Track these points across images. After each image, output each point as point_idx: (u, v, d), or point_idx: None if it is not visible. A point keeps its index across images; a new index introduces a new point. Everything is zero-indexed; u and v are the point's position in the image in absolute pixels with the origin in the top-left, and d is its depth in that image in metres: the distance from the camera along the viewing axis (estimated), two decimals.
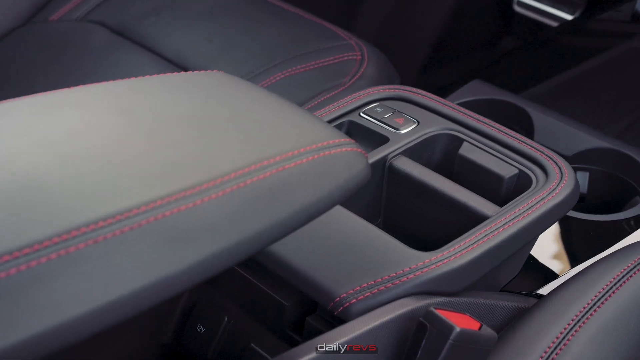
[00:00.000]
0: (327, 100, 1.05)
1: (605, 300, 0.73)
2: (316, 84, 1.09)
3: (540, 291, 0.83)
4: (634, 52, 1.33)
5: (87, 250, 0.44)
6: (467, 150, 0.84)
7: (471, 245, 0.71)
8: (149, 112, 0.57)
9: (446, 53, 1.71)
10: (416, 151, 0.85)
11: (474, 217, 0.77)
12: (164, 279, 0.46)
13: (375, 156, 0.83)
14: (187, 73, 0.65)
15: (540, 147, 0.84)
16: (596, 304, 0.73)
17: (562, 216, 0.79)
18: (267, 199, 0.52)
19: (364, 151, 0.61)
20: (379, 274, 0.69)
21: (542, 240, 0.90)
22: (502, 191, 0.82)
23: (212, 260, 0.48)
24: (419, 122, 0.87)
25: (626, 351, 0.72)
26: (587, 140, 1.06)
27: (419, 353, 0.64)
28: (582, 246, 0.97)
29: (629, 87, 1.27)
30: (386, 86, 0.92)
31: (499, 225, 0.74)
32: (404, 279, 0.68)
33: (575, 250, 0.96)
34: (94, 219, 0.45)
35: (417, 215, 0.83)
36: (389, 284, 0.68)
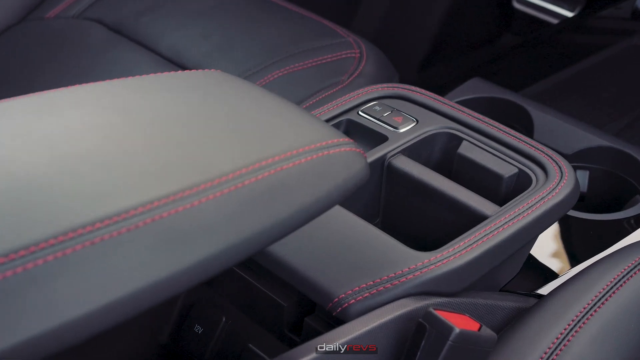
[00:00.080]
0: (325, 99, 1.04)
1: (606, 300, 0.73)
2: (314, 82, 1.08)
3: (540, 291, 0.82)
4: (634, 50, 1.33)
5: (84, 251, 0.43)
6: (466, 149, 0.84)
7: (470, 245, 0.71)
8: (146, 112, 0.57)
9: (445, 50, 1.71)
10: (415, 150, 0.84)
11: (473, 217, 0.76)
12: (162, 280, 0.46)
13: (373, 155, 0.82)
14: (185, 72, 0.65)
15: (540, 146, 0.83)
16: (596, 304, 0.73)
17: (562, 216, 0.79)
18: (266, 200, 0.52)
19: (362, 151, 0.61)
20: (377, 275, 0.69)
21: (542, 240, 0.89)
22: (502, 190, 0.81)
23: (210, 262, 0.48)
24: (418, 121, 0.87)
25: (626, 351, 0.71)
26: (587, 138, 1.06)
27: (418, 354, 0.64)
28: (582, 245, 0.97)
29: (629, 85, 1.26)
30: (385, 84, 0.92)
31: (499, 225, 0.73)
32: (403, 279, 0.68)
33: (575, 249, 0.95)
34: (91, 220, 0.44)
35: (416, 215, 0.82)
36: (388, 285, 0.68)
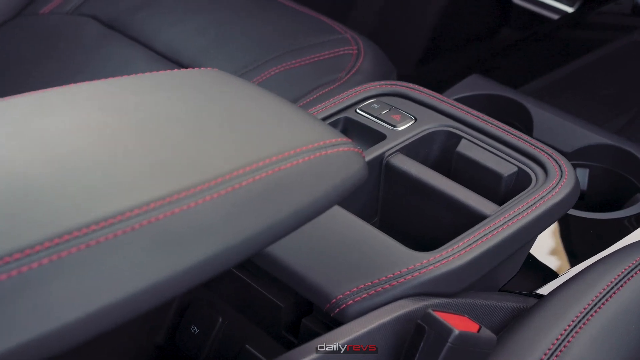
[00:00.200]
0: (323, 96, 1.04)
1: (606, 301, 0.73)
2: (312, 79, 1.07)
3: (539, 291, 0.82)
4: (634, 46, 1.32)
5: (80, 254, 0.43)
6: (465, 148, 0.83)
7: (470, 245, 0.71)
8: (142, 112, 0.56)
9: (443, 46, 1.70)
10: (413, 148, 0.84)
11: (472, 216, 0.76)
12: (159, 283, 0.45)
13: (371, 154, 0.82)
14: (181, 71, 0.64)
15: (539, 144, 0.83)
16: (597, 304, 0.72)
17: (562, 215, 0.78)
18: (263, 201, 0.52)
19: (360, 150, 0.60)
20: (376, 275, 0.68)
21: (542, 239, 0.89)
22: (501, 189, 0.81)
23: (208, 264, 0.48)
24: (416, 119, 0.86)
25: (627, 352, 0.71)
26: (587, 136, 1.05)
27: (417, 356, 0.64)
28: (582, 245, 0.96)
29: (629, 82, 1.26)
30: (383, 82, 0.91)
31: (498, 225, 0.73)
32: (401, 280, 0.68)
33: (575, 249, 0.95)
34: (86, 223, 0.44)
35: (415, 214, 0.82)
36: (387, 285, 0.67)
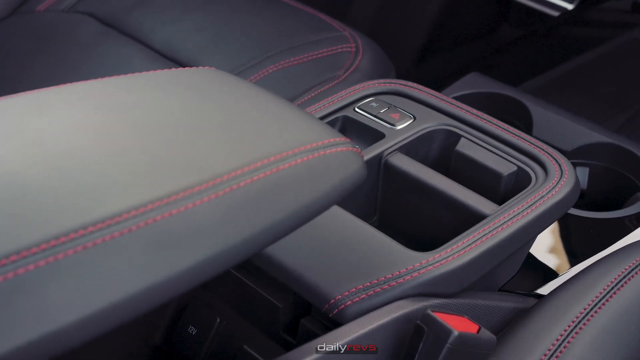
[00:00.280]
0: (321, 94, 1.03)
1: (606, 301, 0.72)
2: (310, 77, 1.07)
3: (539, 291, 0.82)
4: (634, 43, 1.32)
5: (76, 257, 0.43)
6: (464, 147, 0.83)
7: (469, 245, 0.70)
8: (138, 112, 0.56)
9: (442, 43, 1.70)
10: (412, 147, 0.83)
11: (471, 216, 0.75)
12: (156, 285, 0.45)
13: (370, 153, 0.81)
14: (179, 70, 0.64)
15: (539, 143, 0.82)
16: (597, 305, 0.72)
17: (562, 214, 0.78)
18: (261, 202, 0.51)
19: (359, 150, 0.60)
20: (374, 275, 0.68)
21: (542, 238, 0.89)
22: (501, 189, 0.80)
23: (206, 265, 0.48)
24: (415, 118, 0.86)
25: (628, 352, 0.71)
26: (587, 134, 1.05)
27: (416, 357, 0.64)
28: (582, 244, 0.96)
29: (629, 80, 1.26)
30: (381, 80, 0.91)
31: (498, 225, 0.73)
32: (400, 280, 0.67)
33: (575, 248, 0.95)
34: (82, 225, 0.44)
35: (414, 214, 0.81)
36: (385, 286, 0.67)
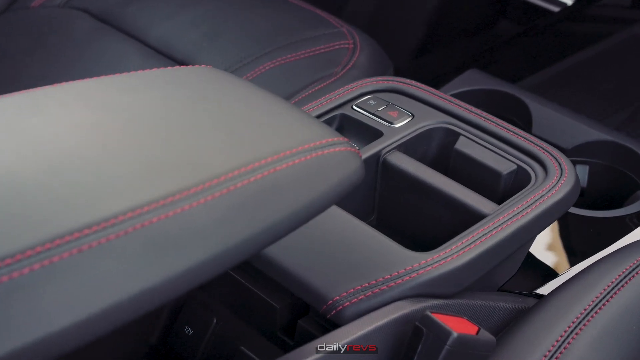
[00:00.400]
0: (318, 91, 1.03)
1: (607, 302, 0.72)
2: (307, 74, 1.06)
3: (539, 290, 0.81)
4: (634, 40, 1.31)
5: (72, 259, 0.42)
6: (463, 145, 0.82)
7: (468, 245, 0.70)
8: (134, 112, 0.55)
9: (440, 38, 1.69)
10: (411, 146, 0.83)
11: (471, 215, 0.75)
12: (153, 287, 0.45)
13: (368, 151, 0.81)
14: (175, 69, 0.63)
15: (539, 141, 0.82)
16: (597, 305, 0.71)
17: (563, 214, 0.77)
18: (258, 203, 0.51)
19: (357, 150, 0.59)
20: (373, 276, 0.67)
21: (541, 237, 0.88)
22: (500, 188, 0.80)
23: (203, 268, 0.47)
24: (413, 116, 0.85)
25: (629, 353, 0.70)
26: (587, 132, 1.04)
27: (415, 358, 0.63)
28: (582, 243, 0.96)
29: (630, 76, 1.25)
30: (379, 77, 0.90)
31: (497, 225, 0.72)
32: (399, 281, 0.67)
33: (575, 247, 0.94)
34: (78, 227, 0.43)
35: (412, 213, 0.81)
36: (384, 286, 0.67)
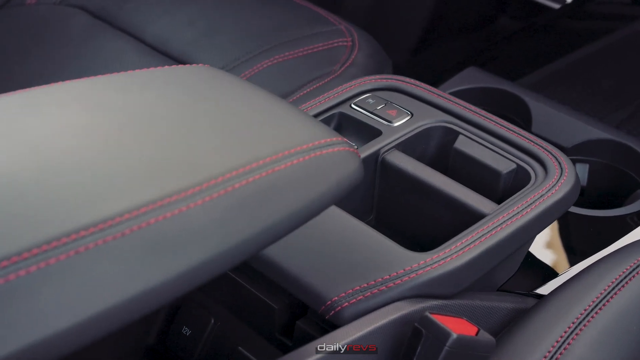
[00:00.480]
0: (317, 89, 1.02)
1: (607, 302, 0.72)
2: (305, 72, 1.06)
3: (539, 290, 0.81)
4: (635, 37, 1.30)
5: (69, 261, 0.42)
6: (462, 144, 0.82)
7: (468, 245, 0.69)
8: (131, 112, 0.55)
9: (439, 34, 1.68)
10: (410, 145, 0.82)
11: (470, 215, 0.75)
12: (151, 289, 0.44)
13: (367, 150, 0.81)
14: (172, 68, 0.63)
15: (539, 140, 0.81)
16: (597, 305, 0.71)
17: (563, 213, 0.77)
18: (257, 204, 0.51)
19: (356, 150, 0.59)
20: (372, 276, 0.67)
21: (541, 237, 0.88)
22: (500, 187, 0.79)
23: (201, 269, 0.47)
24: (412, 114, 0.85)
25: (629, 353, 0.70)
26: (587, 130, 1.04)
27: (414, 359, 0.62)
28: (582, 242, 0.95)
29: (630, 74, 1.24)
30: (378, 76, 0.90)
31: (497, 224, 0.72)
32: (398, 281, 0.67)
33: (575, 246, 0.94)
34: (75, 228, 0.43)
35: (411, 212, 0.81)
36: (383, 287, 0.66)
